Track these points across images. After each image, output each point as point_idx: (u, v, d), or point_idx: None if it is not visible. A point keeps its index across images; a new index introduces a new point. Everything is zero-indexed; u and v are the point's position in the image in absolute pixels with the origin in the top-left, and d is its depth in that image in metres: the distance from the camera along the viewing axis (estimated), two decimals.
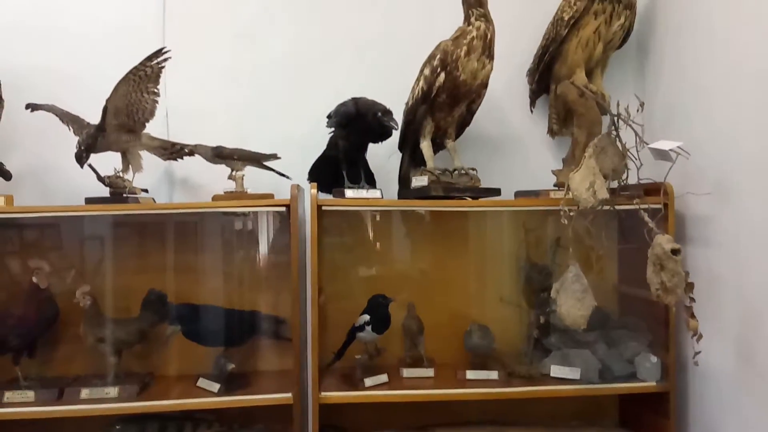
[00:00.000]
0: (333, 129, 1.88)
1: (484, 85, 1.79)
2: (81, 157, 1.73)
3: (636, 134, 1.62)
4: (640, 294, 1.76)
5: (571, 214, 1.57)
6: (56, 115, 1.85)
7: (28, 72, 1.95)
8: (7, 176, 1.90)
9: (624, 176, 1.66)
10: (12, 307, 1.88)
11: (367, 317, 1.79)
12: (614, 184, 1.68)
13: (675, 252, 1.46)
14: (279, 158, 1.89)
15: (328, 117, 1.87)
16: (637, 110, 1.65)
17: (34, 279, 1.81)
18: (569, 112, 1.94)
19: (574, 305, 1.59)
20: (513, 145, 2.09)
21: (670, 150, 1.54)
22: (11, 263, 1.99)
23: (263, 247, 2.07)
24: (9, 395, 1.71)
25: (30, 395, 1.72)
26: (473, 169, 1.84)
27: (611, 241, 1.88)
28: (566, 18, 1.84)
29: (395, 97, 1.85)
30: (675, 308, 1.62)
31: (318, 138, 1.93)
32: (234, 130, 2.01)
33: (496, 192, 1.82)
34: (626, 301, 2.01)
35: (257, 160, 1.88)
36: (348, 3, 2.09)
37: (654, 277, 1.50)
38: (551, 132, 2.05)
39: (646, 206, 1.59)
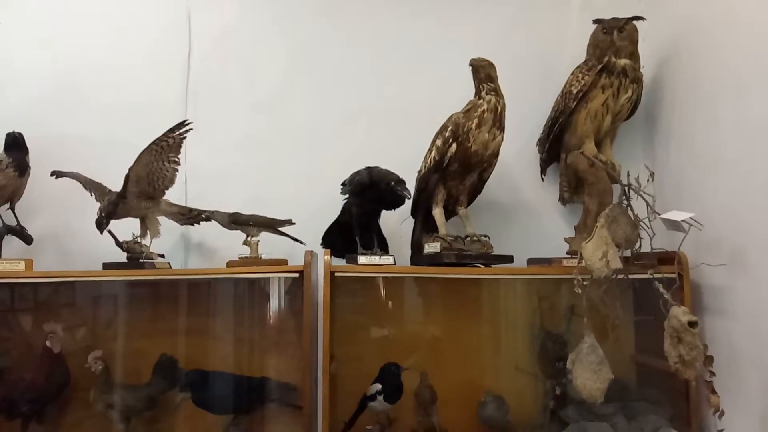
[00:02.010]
0: (347, 196, 1.92)
1: (495, 154, 1.84)
2: (101, 224, 1.78)
3: (647, 204, 1.64)
4: (658, 365, 1.71)
5: (585, 283, 1.57)
6: (79, 182, 1.91)
7: (54, 140, 2.03)
8: (29, 240, 1.95)
9: (637, 245, 1.67)
10: (24, 369, 1.88)
11: (378, 386, 1.77)
12: (627, 253, 1.68)
13: (692, 324, 1.45)
14: (294, 224, 1.92)
15: (343, 185, 1.92)
16: (648, 180, 1.67)
17: (48, 343, 1.82)
18: (580, 181, 1.97)
19: (590, 377, 1.56)
20: (524, 212, 2.12)
21: (683, 221, 1.55)
22: (26, 325, 2.01)
23: (275, 313, 2.07)
24: None
25: None
26: (485, 236, 1.85)
27: (626, 310, 1.86)
28: (574, 91, 1.90)
29: (407, 164, 1.89)
30: (695, 382, 1.58)
31: (332, 204, 1.96)
32: (250, 196, 2.05)
33: (509, 259, 1.82)
34: (644, 372, 1.96)
35: (272, 225, 1.91)
36: (362, 76, 2.18)
37: (672, 350, 1.47)
38: (562, 200, 2.07)
39: (660, 276, 1.59)
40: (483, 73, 1.76)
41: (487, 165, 1.86)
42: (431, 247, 1.81)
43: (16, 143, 1.88)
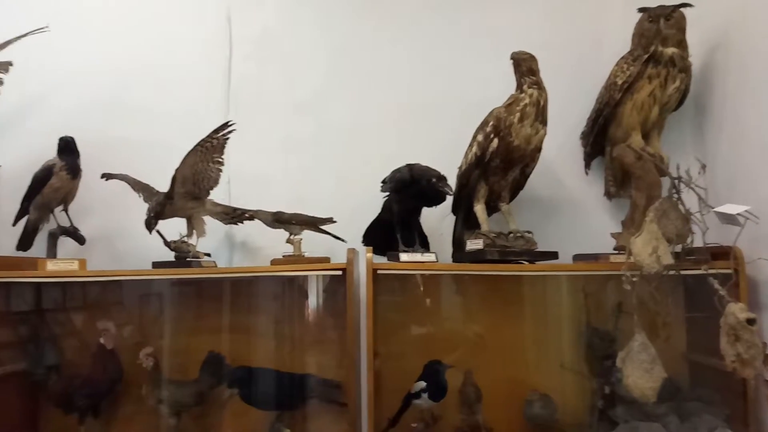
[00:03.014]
0: (387, 194, 1.92)
1: (538, 149, 1.80)
2: (150, 224, 1.83)
3: (699, 197, 1.58)
4: (712, 364, 1.66)
5: (634, 279, 1.53)
6: (128, 184, 1.97)
7: (103, 144, 2.09)
8: (81, 241, 2.02)
9: (689, 240, 1.61)
10: (79, 366, 1.95)
11: (423, 384, 1.76)
12: (678, 248, 1.63)
13: (750, 322, 1.39)
14: (335, 222, 1.93)
15: (383, 182, 1.92)
16: (699, 172, 1.61)
17: (101, 340, 1.88)
18: (626, 175, 1.91)
19: (641, 376, 1.52)
20: (568, 208, 2.07)
21: (738, 214, 1.49)
22: (80, 323, 2.08)
23: (316, 310, 2.09)
24: None
25: None
26: (529, 232, 1.82)
27: (678, 307, 1.80)
28: (619, 82, 1.85)
29: (447, 161, 1.87)
30: (754, 381, 1.52)
31: (372, 202, 1.97)
32: (291, 195, 2.09)
33: (554, 255, 1.79)
34: (697, 370, 1.89)
35: (314, 224, 1.93)
36: (401, 74, 2.18)
37: (729, 349, 1.42)
38: (608, 194, 2.02)
39: (714, 272, 1.53)
40: (525, 66, 1.73)
41: (529, 160, 1.83)
42: (474, 244, 1.79)
43: (68, 147, 1.96)
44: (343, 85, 2.18)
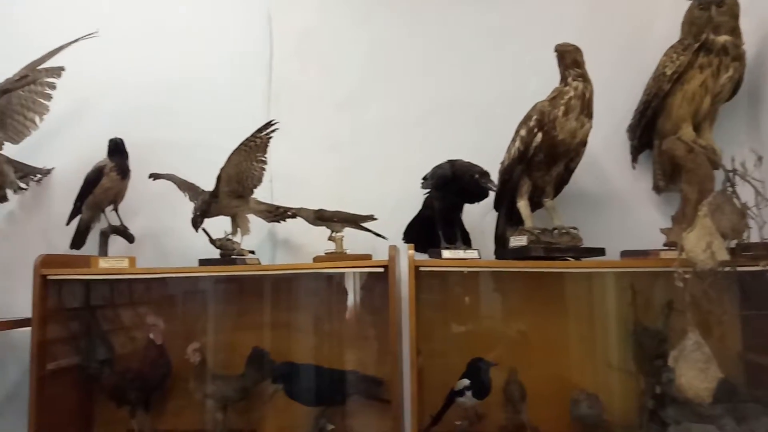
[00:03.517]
0: (428, 190, 1.92)
1: (583, 143, 1.76)
2: (196, 222, 1.87)
3: (756, 191, 1.52)
4: None
5: (687, 276, 1.48)
6: (175, 183, 2.02)
7: (151, 145, 2.16)
8: (131, 239, 2.08)
9: (745, 235, 1.55)
10: (129, 360, 2.01)
11: (467, 381, 1.75)
12: (733, 244, 1.56)
13: None
14: (375, 219, 1.94)
15: (424, 179, 1.91)
16: (755, 165, 1.55)
17: (151, 335, 1.94)
18: (676, 168, 1.85)
19: (696, 376, 1.47)
20: (615, 203, 2.01)
21: None
22: (130, 318, 2.15)
23: (355, 307, 2.09)
24: None
25: None
26: (574, 228, 1.78)
27: (733, 305, 1.73)
28: (668, 73, 1.79)
29: (488, 157, 1.84)
30: None
31: (412, 199, 1.97)
32: (332, 193, 2.10)
33: (601, 252, 1.74)
34: (754, 371, 1.81)
35: (355, 221, 1.94)
36: (441, 69, 2.16)
37: None
38: (657, 188, 1.95)
39: None
40: (569, 58, 1.69)
41: (574, 154, 1.79)
42: (517, 241, 1.77)
43: (118, 149, 2.02)
44: (384, 82, 2.18)
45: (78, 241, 2.06)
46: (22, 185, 2.19)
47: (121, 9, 2.30)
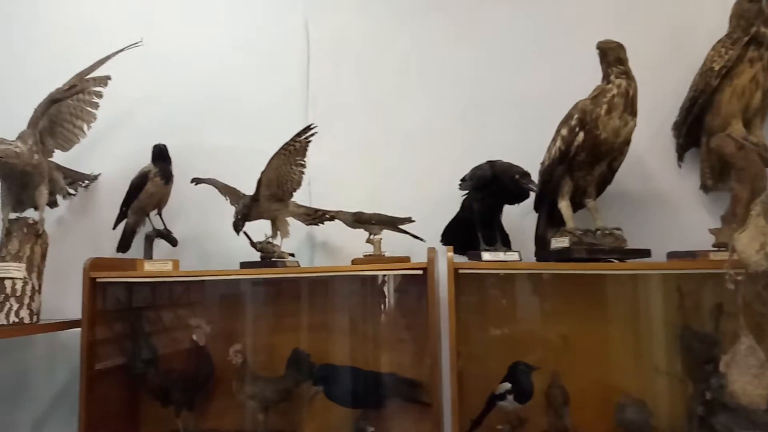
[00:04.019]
0: (467, 192, 1.90)
1: (627, 142, 1.72)
2: (238, 225, 1.90)
3: None
4: None
5: (739, 278, 1.42)
6: (216, 188, 2.06)
7: (193, 150, 2.21)
8: (174, 243, 2.13)
9: None
10: (173, 361, 2.06)
11: (508, 385, 1.73)
12: None
13: None
14: (413, 221, 1.93)
15: (462, 180, 1.90)
16: None
17: (194, 337, 1.98)
18: (725, 166, 1.78)
19: (750, 382, 1.41)
20: (660, 203, 1.96)
21: None
22: (173, 320, 2.20)
23: (395, 309, 2.09)
24: None
25: None
26: (618, 229, 1.73)
27: None
28: (716, 68, 1.73)
29: (527, 157, 1.81)
30: None
31: (449, 201, 1.95)
32: (370, 196, 2.10)
33: (646, 253, 1.70)
34: None
35: (393, 223, 1.94)
36: (477, 69, 2.15)
37: None
38: (705, 187, 1.89)
39: None
40: (612, 55, 1.66)
41: (618, 153, 1.74)
42: (559, 242, 1.74)
43: (161, 154, 2.07)
44: (420, 83, 2.18)
45: (124, 244, 2.12)
46: (71, 191, 2.28)
47: (163, 18, 2.36)
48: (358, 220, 1.93)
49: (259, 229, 1.96)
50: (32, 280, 1.94)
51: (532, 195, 1.83)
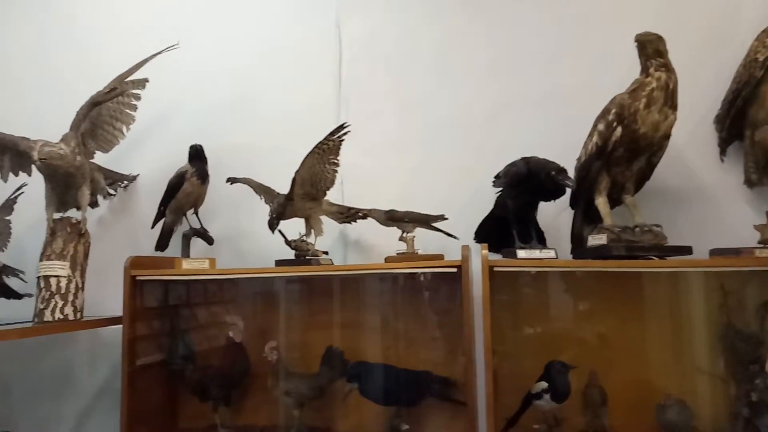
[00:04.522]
0: (501, 189, 1.88)
1: (667, 136, 1.67)
2: (273, 224, 1.92)
3: None
4: None
5: None
6: (251, 187, 2.09)
7: (228, 150, 2.24)
8: (210, 241, 2.17)
9: None
10: (211, 357, 2.10)
11: (545, 384, 1.71)
12: None
13: None
14: (446, 219, 1.93)
15: (496, 177, 1.89)
16: None
17: (230, 334, 2.01)
18: None
19: None
20: (702, 199, 1.90)
21: None
22: (210, 317, 2.24)
23: (428, 307, 2.09)
24: None
25: None
26: (657, 226, 1.69)
27: None
28: (761, 59, 1.67)
29: (562, 154, 1.78)
30: None
31: (482, 198, 1.94)
32: (402, 193, 2.11)
33: (687, 250, 1.65)
34: None
35: (426, 221, 1.93)
36: (510, 64, 2.12)
37: None
38: (749, 182, 1.83)
39: None
40: (651, 48, 1.61)
41: (657, 148, 1.70)
42: (596, 239, 1.70)
43: (197, 154, 2.11)
44: (452, 80, 2.17)
45: (162, 243, 2.17)
46: (111, 191, 2.35)
47: (197, 21, 2.41)
48: (391, 218, 1.93)
49: (294, 227, 1.98)
50: (76, 278, 2.00)
51: (567, 191, 1.80)
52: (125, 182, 2.38)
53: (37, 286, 1.97)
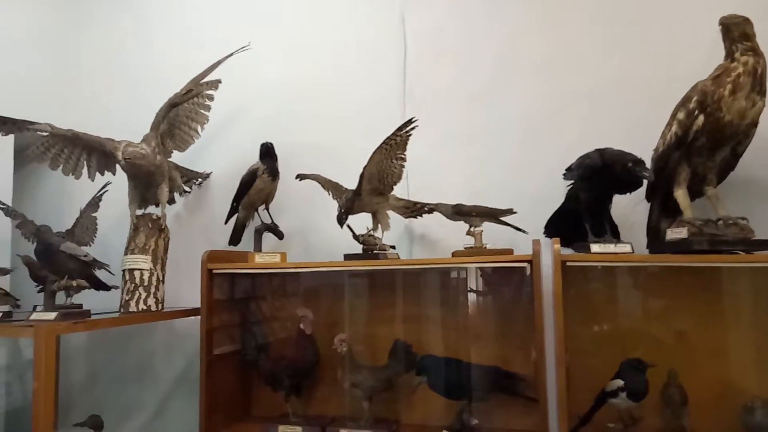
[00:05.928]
0: (572, 182, 1.84)
1: (754, 124, 1.59)
2: (341, 219, 1.95)
3: None
4: None
5: None
6: (319, 183, 2.13)
7: (297, 148, 2.31)
8: (281, 236, 2.24)
9: None
10: (283, 348, 2.16)
11: (620, 382, 1.66)
12: None
13: None
14: (515, 213, 1.90)
15: (568, 170, 1.84)
16: None
17: (301, 326, 2.06)
18: None
19: None
20: None
21: None
22: (282, 309, 2.31)
23: (496, 302, 2.07)
24: (282, 429, 1.96)
25: (298, 430, 1.94)
26: (743, 219, 1.61)
27: None
28: None
29: (635, 145, 1.71)
30: None
31: (551, 192, 1.90)
32: (468, 187, 2.10)
33: None
34: None
35: (494, 215, 1.91)
36: (579, 53, 2.07)
37: None
38: None
39: None
40: (737, 31, 1.53)
41: (743, 137, 1.61)
42: (676, 233, 1.64)
43: (268, 152, 2.18)
44: (517, 72, 2.13)
45: (235, 238, 2.25)
46: (187, 189, 2.46)
47: (264, 24, 2.48)
48: (458, 212, 1.93)
49: (361, 222, 2.01)
50: (157, 270, 2.11)
51: (644, 183, 1.74)
52: (199, 180, 2.48)
53: (122, 278, 2.10)
